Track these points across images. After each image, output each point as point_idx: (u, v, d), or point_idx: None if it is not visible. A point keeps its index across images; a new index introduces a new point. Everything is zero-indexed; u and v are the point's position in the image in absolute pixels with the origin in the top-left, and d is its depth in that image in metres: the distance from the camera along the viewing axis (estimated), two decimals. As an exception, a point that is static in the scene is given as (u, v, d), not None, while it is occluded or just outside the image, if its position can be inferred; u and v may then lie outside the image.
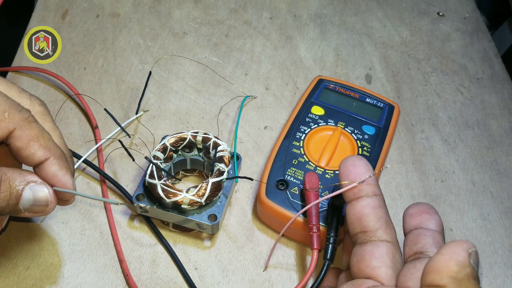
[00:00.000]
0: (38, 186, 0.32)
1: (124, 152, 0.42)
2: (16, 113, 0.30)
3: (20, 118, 0.30)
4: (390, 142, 0.46)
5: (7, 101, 0.30)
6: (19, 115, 0.30)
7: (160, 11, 0.60)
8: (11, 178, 0.31)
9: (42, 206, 0.32)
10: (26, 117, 0.31)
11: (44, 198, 0.32)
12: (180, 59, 0.55)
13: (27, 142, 0.31)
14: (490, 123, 0.52)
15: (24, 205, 0.31)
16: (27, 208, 0.32)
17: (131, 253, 0.40)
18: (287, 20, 0.61)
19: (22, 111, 0.31)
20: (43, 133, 0.32)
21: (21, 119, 0.30)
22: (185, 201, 0.37)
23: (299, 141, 0.44)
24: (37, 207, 0.32)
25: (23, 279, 0.38)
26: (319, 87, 0.49)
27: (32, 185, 0.32)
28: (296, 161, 0.43)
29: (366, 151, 0.44)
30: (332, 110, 0.47)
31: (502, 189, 0.47)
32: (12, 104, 0.30)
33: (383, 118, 0.47)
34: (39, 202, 0.32)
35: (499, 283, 0.41)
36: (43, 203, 0.32)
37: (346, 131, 0.45)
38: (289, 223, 0.37)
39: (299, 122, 0.46)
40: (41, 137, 0.31)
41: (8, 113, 0.30)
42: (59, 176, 0.32)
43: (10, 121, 0.30)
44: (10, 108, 0.30)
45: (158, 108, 0.50)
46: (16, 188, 0.31)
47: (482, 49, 0.60)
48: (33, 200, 0.32)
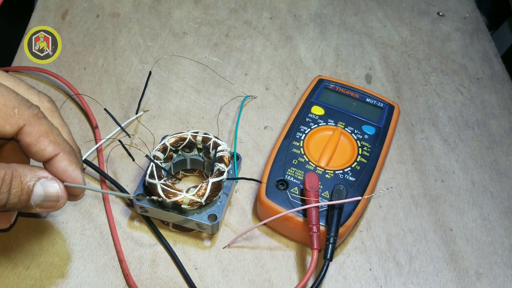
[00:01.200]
0: (49, 181, 0.32)
1: (124, 152, 0.42)
2: (25, 109, 0.30)
3: (29, 114, 0.30)
4: (390, 142, 0.46)
5: (16, 97, 0.30)
6: (29, 111, 0.30)
7: (160, 11, 0.60)
8: (22, 174, 0.31)
9: (53, 202, 0.32)
10: (35, 113, 0.31)
11: (55, 194, 0.32)
12: (180, 59, 0.55)
13: (37, 138, 0.31)
14: (490, 123, 0.52)
15: (36, 201, 0.31)
16: (38, 204, 0.32)
17: (131, 253, 0.40)
18: (287, 20, 0.61)
19: (32, 107, 0.31)
20: (52, 129, 0.32)
21: (30, 115, 0.31)
22: (185, 201, 0.37)
23: (299, 141, 0.44)
24: (48, 203, 0.32)
25: (23, 279, 0.38)
26: (319, 87, 0.49)
27: (43, 180, 0.32)
28: (296, 161, 0.43)
29: (366, 151, 0.44)
30: (332, 110, 0.47)
31: (502, 189, 0.47)
32: (22, 101, 0.31)
33: (383, 118, 0.47)
34: (50, 198, 0.32)
35: (499, 283, 0.41)
36: (54, 198, 0.32)
37: (346, 131, 0.45)
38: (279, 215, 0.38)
39: (299, 122, 0.46)
40: (51, 133, 0.31)
41: (18, 109, 0.30)
42: (69, 171, 0.32)
43: (20, 117, 0.30)
44: (20, 105, 0.30)
45: (158, 108, 0.50)
46: (27, 184, 0.31)
47: (482, 49, 0.60)
48: (44, 196, 0.32)
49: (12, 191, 0.30)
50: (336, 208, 0.38)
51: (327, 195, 0.40)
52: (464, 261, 0.42)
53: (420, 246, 0.42)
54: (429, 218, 0.44)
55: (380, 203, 0.45)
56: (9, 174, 0.30)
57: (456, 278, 0.41)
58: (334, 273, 0.40)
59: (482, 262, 0.42)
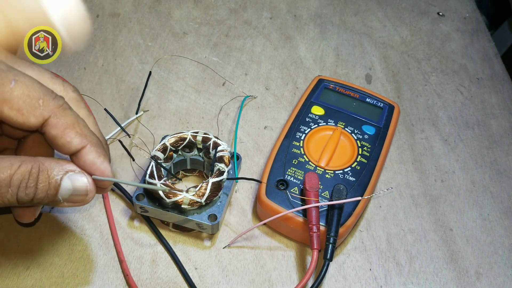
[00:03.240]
0: (77, 175, 0.30)
1: (124, 152, 0.42)
2: (50, 100, 0.29)
3: (54, 105, 0.29)
4: (390, 142, 0.46)
5: (41, 88, 0.29)
6: (54, 102, 0.29)
7: (160, 11, 0.60)
8: (49, 168, 0.29)
9: (81, 196, 0.31)
10: (60, 104, 0.30)
11: (83, 188, 0.31)
12: (180, 59, 0.55)
13: (63, 130, 0.30)
14: (490, 123, 0.52)
15: (63, 195, 0.30)
16: (66, 198, 0.30)
17: (131, 253, 0.40)
18: (287, 20, 0.61)
19: (57, 98, 0.30)
20: (78, 120, 0.31)
21: (55, 106, 0.29)
22: (185, 201, 0.37)
23: (299, 141, 0.44)
24: (77, 197, 0.31)
25: (23, 279, 0.38)
26: (319, 87, 0.49)
27: (71, 174, 0.30)
28: (296, 161, 0.43)
29: (366, 151, 0.44)
30: (332, 110, 0.47)
31: (502, 189, 0.47)
32: (46, 91, 0.29)
33: (383, 118, 0.47)
34: (79, 192, 0.31)
35: (499, 283, 0.41)
36: (83, 192, 0.31)
37: (346, 131, 0.45)
38: (279, 215, 0.38)
39: (299, 122, 0.46)
40: (77, 124, 0.30)
41: (42, 100, 0.29)
42: (97, 164, 0.31)
43: (45, 109, 0.29)
44: (45, 95, 0.29)
45: (158, 108, 0.50)
46: (55, 178, 0.30)
47: (482, 49, 0.60)
48: (72, 189, 0.30)
49: (39, 186, 0.29)
50: (336, 208, 0.38)
51: (327, 195, 0.40)
52: (464, 261, 0.42)
53: (420, 246, 0.42)
54: (429, 218, 0.44)
55: (380, 203, 0.45)
56: (36, 168, 0.29)
57: (456, 278, 0.41)
58: (334, 273, 0.40)
59: (482, 262, 0.42)
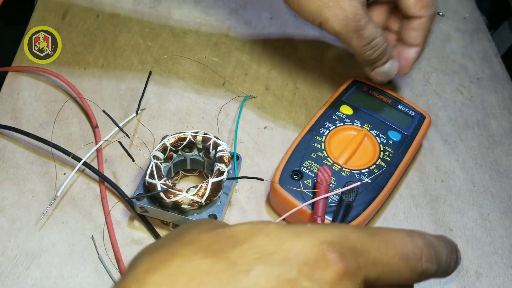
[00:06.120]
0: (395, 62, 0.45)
1: (124, 152, 0.42)
2: None
3: None
4: (415, 151, 0.45)
5: None
6: None
7: (160, 11, 0.60)
8: None
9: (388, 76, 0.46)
10: None
11: (393, 72, 0.45)
12: (180, 59, 0.55)
13: None
14: (490, 123, 0.52)
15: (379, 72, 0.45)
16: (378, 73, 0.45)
17: (130, 253, 0.40)
18: (287, 20, 0.61)
19: None
20: None
21: None
22: (185, 201, 0.37)
23: (322, 136, 0.44)
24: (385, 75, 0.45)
25: (23, 279, 0.38)
26: (352, 87, 0.49)
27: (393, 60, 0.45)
28: (315, 154, 0.43)
29: (388, 156, 0.43)
30: (361, 111, 0.47)
31: (502, 189, 0.47)
32: None
33: (411, 127, 0.46)
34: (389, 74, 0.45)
35: (499, 283, 0.41)
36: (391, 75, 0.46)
37: (371, 133, 0.45)
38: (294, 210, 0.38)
39: (325, 119, 0.46)
40: None
41: None
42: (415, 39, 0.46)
43: None
44: None
45: (158, 108, 0.50)
46: None
47: (482, 49, 0.60)
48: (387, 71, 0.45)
49: None
50: (344, 204, 0.38)
51: None
52: (464, 261, 0.42)
53: (420, 246, 0.42)
54: (429, 218, 0.44)
55: (380, 203, 0.45)
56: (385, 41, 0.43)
57: (456, 278, 0.41)
58: (334, 273, 0.40)
59: (482, 262, 0.42)
